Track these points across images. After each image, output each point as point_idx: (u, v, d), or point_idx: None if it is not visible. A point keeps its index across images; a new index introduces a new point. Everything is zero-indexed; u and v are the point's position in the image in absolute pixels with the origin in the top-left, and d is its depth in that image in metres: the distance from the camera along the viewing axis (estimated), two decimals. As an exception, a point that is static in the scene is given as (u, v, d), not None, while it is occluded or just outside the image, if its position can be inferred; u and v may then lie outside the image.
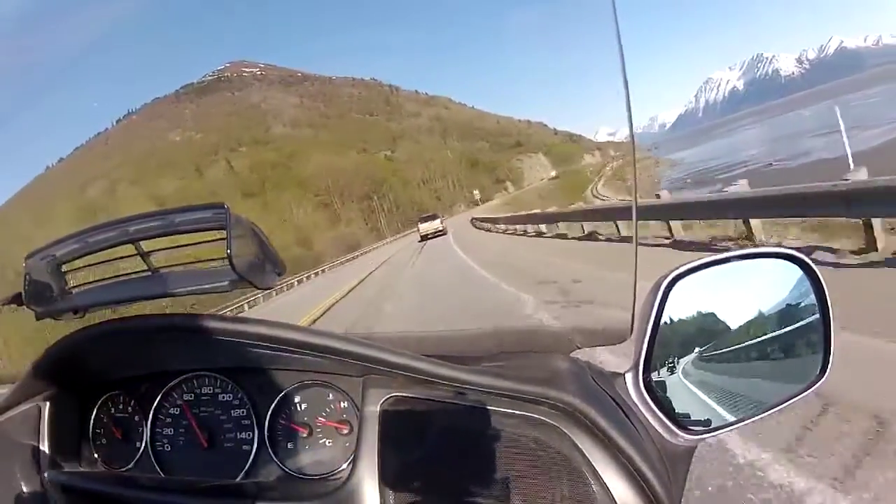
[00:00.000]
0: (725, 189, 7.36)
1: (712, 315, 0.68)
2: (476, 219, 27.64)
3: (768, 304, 0.70)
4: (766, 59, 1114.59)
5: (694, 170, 39.83)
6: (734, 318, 0.68)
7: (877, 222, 4.91)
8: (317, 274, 26.18)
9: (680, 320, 0.66)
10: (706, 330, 0.68)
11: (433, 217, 33.11)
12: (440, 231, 29.07)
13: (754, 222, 6.50)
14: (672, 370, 0.67)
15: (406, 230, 51.13)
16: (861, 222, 5.04)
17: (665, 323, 0.65)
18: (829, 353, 0.68)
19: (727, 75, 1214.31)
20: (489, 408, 0.64)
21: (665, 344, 0.65)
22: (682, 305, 0.66)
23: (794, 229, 6.62)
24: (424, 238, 28.60)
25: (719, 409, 0.67)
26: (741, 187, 6.96)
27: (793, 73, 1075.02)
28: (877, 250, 4.84)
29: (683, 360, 0.67)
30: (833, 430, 2.23)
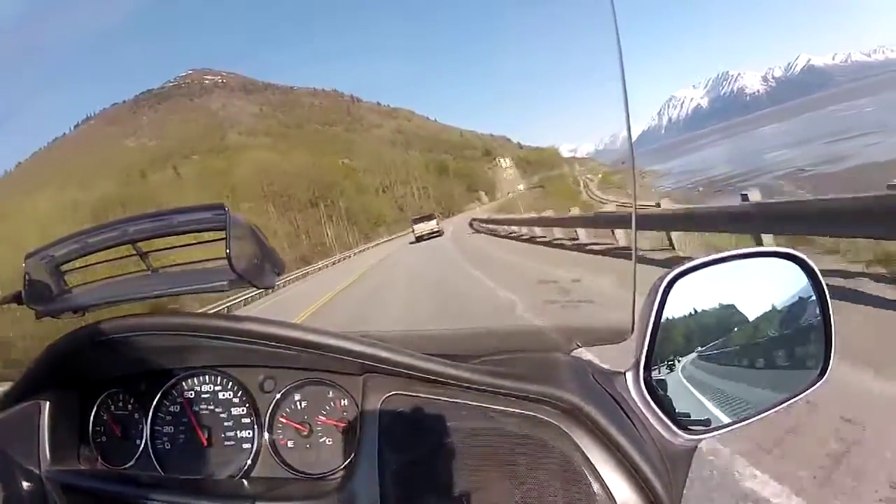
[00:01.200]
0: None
1: (713, 314, 0.69)
2: (477, 220, 26.26)
3: (769, 303, 0.70)
4: (732, 76, 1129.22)
5: (693, 179, 37.62)
6: (734, 318, 0.69)
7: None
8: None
9: (680, 319, 0.67)
10: (706, 329, 0.68)
11: (428, 217, 31.50)
12: (436, 232, 28.05)
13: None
14: (672, 369, 0.67)
15: (363, 244, 45.58)
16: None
17: (665, 322, 0.65)
18: (830, 354, 0.68)
19: (691, 93, 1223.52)
20: (489, 406, 0.65)
21: (665, 343, 0.66)
22: (683, 304, 0.66)
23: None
24: (420, 239, 27.50)
25: (719, 409, 0.68)
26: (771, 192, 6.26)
27: (758, 91, 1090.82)
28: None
29: (684, 360, 0.67)
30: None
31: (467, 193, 74.52)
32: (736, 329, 0.68)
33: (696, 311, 0.67)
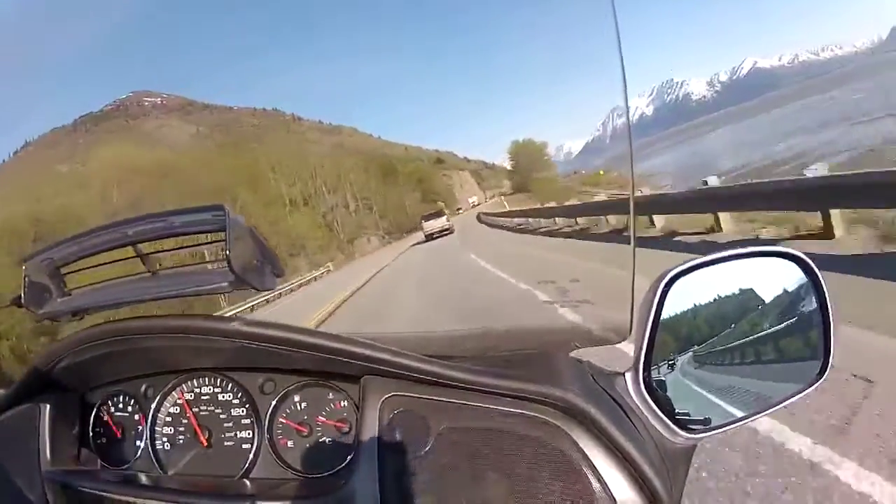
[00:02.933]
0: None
1: (712, 314, 0.69)
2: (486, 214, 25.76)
3: (768, 302, 0.70)
4: (677, 83, 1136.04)
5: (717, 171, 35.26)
6: (734, 317, 0.69)
7: None
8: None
9: (679, 319, 0.67)
10: (706, 329, 0.68)
11: (438, 214, 30.47)
12: (446, 229, 27.03)
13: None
14: (672, 369, 0.67)
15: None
16: None
17: (664, 322, 0.65)
18: (829, 352, 0.68)
19: (636, 102, 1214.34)
20: (488, 407, 0.65)
21: (664, 343, 0.66)
22: (682, 304, 0.66)
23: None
24: (430, 237, 26.75)
25: (719, 408, 0.68)
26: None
27: (704, 97, 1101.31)
28: None
29: (683, 359, 0.67)
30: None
31: (422, 205, 54.41)
32: (735, 328, 0.69)
33: (695, 311, 0.68)
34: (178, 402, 0.84)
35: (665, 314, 0.65)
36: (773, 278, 0.71)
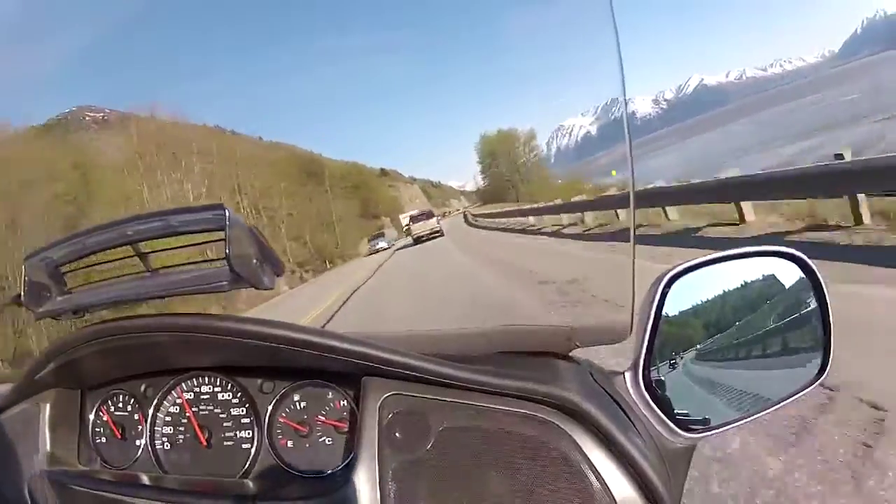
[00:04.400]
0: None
1: (712, 313, 0.69)
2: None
3: (768, 302, 0.71)
4: (621, 102, 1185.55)
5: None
6: (734, 317, 0.69)
7: None
8: None
9: (679, 319, 0.67)
10: (706, 328, 0.69)
11: (427, 215, 27.29)
12: (436, 232, 25.25)
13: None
14: (672, 369, 0.67)
15: None
16: None
17: (664, 321, 0.65)
18: (829, 351, 0.68)
19: (580, 121, 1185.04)
20: (489, 406, 0.65)
21: (664, 342, 0.66)
22: (682, 303, 0.66)
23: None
24: (418, 241, 24.78)
25: (719, 408, 0.68)
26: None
27: (649, 114, 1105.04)
28: None
29: (683, 359, 0.67)
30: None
31: (361, 221, 42.49)
32: (735, 328, 0.69)
33: (695, 311, 0.68)
34: (178, 401, 0.84)
35: (665, 314, 0.65)
36: (772, 278, 0.71)
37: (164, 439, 0.84)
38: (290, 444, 0.79)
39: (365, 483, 0.64)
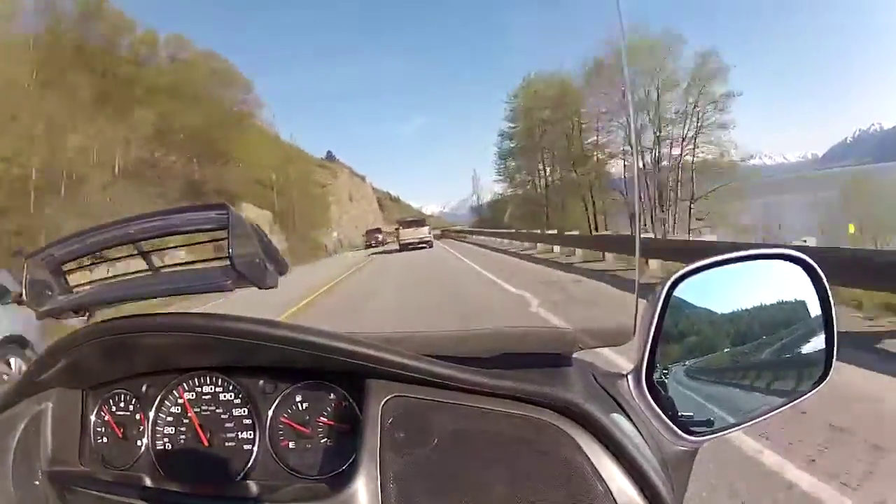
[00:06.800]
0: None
1: (715, 316, 0.69)
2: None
3: (771, 305, 0.70)
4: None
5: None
6: (737, 319, 0.69)
7: None
8: None
9: (683, 321, 0.67)
10: (709, 331, 0.68)
11: (419, 223, 27.15)
12: (425, 241, 25.04)
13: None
14: (674, 371, 0.67)
15: None
16: None
17: (668, 324, 0.65)
18: (833, 354, 0.68)
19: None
20: (491, 408, 0.64)
21: (668, 345, 0.65)
22: (685, 306, 0.66)
23: None
24: (404, 247, 24.56)
25: (722, 411, 0.67)
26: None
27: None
28: None
29: (686, 362, 0.67)
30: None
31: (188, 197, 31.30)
32: (738, 330, 0.69)
33: (698, 313, 0.68)
34: (180, 401, 0.84)
35: (669, 316, 0.64)
36: (776, 280, 0.71)
37: (166, 439, 0.84)
38: (291, 445, 0.79)
39: (366, 485, 0.64)
